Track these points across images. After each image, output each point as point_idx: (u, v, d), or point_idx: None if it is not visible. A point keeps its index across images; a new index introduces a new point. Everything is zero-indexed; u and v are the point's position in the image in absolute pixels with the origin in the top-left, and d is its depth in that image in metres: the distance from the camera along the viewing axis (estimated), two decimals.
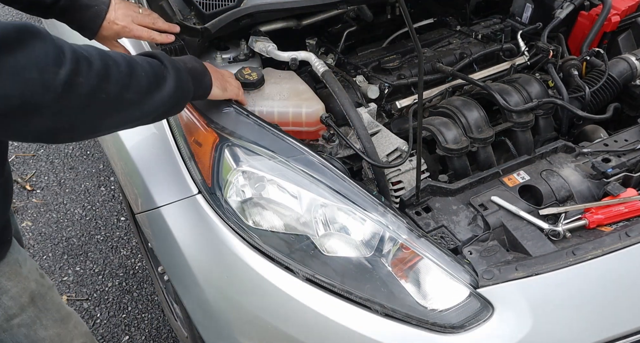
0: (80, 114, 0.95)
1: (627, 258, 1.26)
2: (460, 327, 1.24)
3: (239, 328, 1.44)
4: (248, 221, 1.29)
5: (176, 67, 1.14)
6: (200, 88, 1.26)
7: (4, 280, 1.23)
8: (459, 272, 1.26)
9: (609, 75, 1.75)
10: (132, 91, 1.02)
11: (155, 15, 1.51)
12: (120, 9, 1.43)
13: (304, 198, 1.26)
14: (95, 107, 0.97)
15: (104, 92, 0.96)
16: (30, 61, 0.85)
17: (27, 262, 1.32)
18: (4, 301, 1.22)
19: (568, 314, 1.25)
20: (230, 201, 1.30)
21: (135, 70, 1.03)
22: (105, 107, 0.99)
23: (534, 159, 1.56)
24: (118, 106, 1.01)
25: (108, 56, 0.99)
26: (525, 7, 2.03)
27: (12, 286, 1.25)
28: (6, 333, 1.27)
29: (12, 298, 1.24)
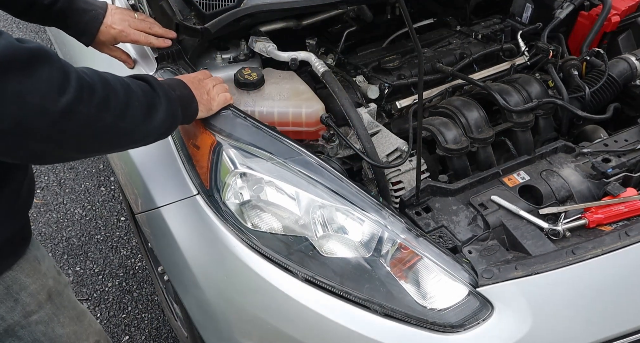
0: (72, 139, 0.96)
1: (627, 258, 1.26)
2: (459, 326, 1.24)
3: (239, 328, 1.44)
4: (247, 223, 1.29)
5: (167, 96, 1.15)
6: (188, 115, 1.26)
7: (23, 276, 1.22)
8: (458, 271, 1.26)
9: (609, 75, 1.75)
10: (127, 120, 1.03)
11: (151, 20, 1.53)
12: (116, 14, 1.44)
13: (302, 200, 1.26)
14: (88, 134, 0.98)
15: (100, 121, 0.97)
16: (34, 86, 0.86)
17: (46, 259, 1.32)
18: (23, 297, 1.22)
19: (568, 313, 1.25)
20: (229, 203, 1.30)
21: (131, 99, 1.04)
22: (98, 134, 1.00)
23: (534, 159, 1.56)
24: (111, 134, 1.02)
25: (109, 83, 1.00)
26: (525, 7, 2.03)
27: (31, 283, 1.25)
28: (24, 330, 1.26)
29: (30, 295, 1.24)
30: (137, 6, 1.66)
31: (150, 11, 1.63)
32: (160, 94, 1.12)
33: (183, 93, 1.24)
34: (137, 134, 1.09)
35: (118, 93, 1.01)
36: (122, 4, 1.65)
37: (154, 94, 1.11)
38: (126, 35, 1.44)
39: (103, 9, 1.43)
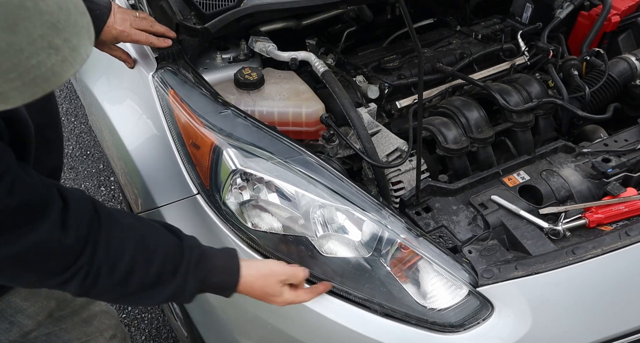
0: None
1: (627, 257, 1.26)
2: (459, 326, 1.24)
3: (239, 328, 1.44)
4: (247, 223, 1.29)
5: (183, 285, 1.05)
6: (210, 291, 1.14)
7: (19, 300, 1.20)
8: (458, 271, 1.26)
9: (609, 75, 1.75)
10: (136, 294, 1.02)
11: (151, 18, 1.52)
12: (118, 14, 1.43)
13: (302, 199, 1.26)
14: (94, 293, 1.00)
15: (111, 292, 1.00)
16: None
17: None
18: (19, 319, 1.21)
19: (568, 313, 1.25)
20: (229, 203, 1.30)
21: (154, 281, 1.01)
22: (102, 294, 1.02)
23: (534, 159, 1.56)
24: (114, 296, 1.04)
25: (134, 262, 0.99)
26: (525, 7, 2.03)
27: (29, 306, 1.23)
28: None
29: (28, 317, 1.22)
30: (137, 6, 1.66)
31: (150, 11, 1.63)
32: (179, 274, 1.04)
33: (220, 281, 1.11)
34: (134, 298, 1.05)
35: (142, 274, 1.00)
36: (122, 3, 1.65)
37: (173, 273, 1.03)
38: (127, 35, 1.43)
39: (107, 9, 1.41)
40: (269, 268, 1.14)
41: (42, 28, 0.60)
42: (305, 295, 1.18)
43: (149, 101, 1.52)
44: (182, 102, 1.43)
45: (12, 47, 0.58)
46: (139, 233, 1.02)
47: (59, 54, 0.62)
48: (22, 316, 1.20)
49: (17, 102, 0.63)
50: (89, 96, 1.77)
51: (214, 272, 1.08)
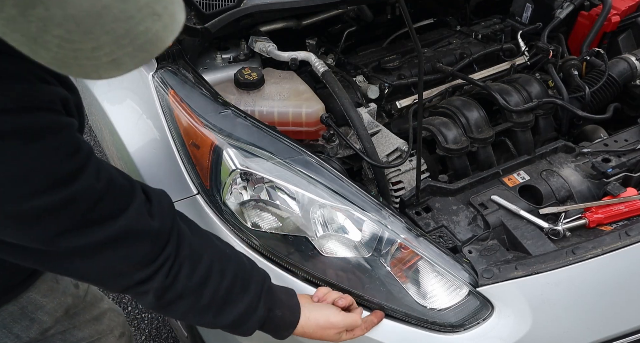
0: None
1: (627, 257, 1.26)
2: (459, 326, 1.24)
3: None
4: (247, 222, 1.29)
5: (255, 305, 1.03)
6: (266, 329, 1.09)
7: (39, 297, 1.20)
8: (458, 271, 1.26)
9: (609, 75, 1.75)
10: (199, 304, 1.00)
11: None
12: None
13: (302, 199, 1.26)
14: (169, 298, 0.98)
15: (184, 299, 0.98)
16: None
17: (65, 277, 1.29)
18: (39, 316, 1.20)
19: (568, 313, 1.25)
20: (229, 203, 1.30)
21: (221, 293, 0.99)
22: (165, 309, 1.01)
23: (534, 159, 1.56)
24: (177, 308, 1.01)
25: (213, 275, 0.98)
26: (525, 7, 2.03)
27: (48, 302, 1.23)
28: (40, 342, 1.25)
29: (47, 313, 1.22)
30: None
31: None
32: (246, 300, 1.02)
33: (283, 316, 1.07)
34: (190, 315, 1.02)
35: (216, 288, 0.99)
36: None
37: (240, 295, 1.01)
38: None
39: None
40: (328, 320, 1.11)
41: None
42: (360, 331, 1.16)
43: (149, 101, 1.52)
44: (182, 102, 1.43)
45: (124, 13, 0.60)
46: (214, 241, 1.02)
47: (161, 21, 0.64)
48: (41, 312, 1.20)
49: (128, 68, 0.65)
50: (89, 96, 1.76)
51: (279, 305, 1.06)
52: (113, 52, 0.62)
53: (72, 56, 0.61)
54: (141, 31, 0.62)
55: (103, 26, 0.60)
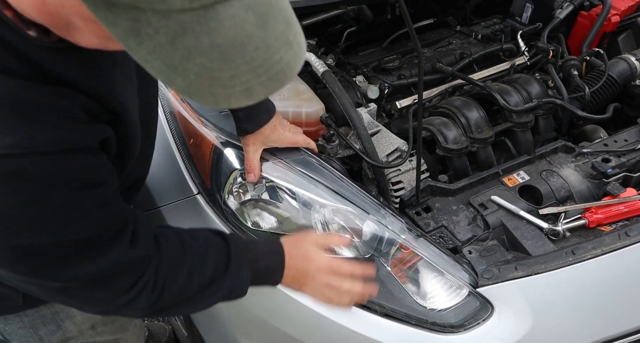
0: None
1: (626, 258, 1.26)
2: (459, 326, 1.24)
3: (239, 328, 1.44)
4: (247, 222, 1.29)
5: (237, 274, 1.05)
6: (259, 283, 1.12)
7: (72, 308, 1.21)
8: (458, 272, 1.26)
9: (609, 75, 1.75)
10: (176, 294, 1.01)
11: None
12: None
13: (302, 199, 1.26)
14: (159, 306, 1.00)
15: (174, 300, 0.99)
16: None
17: None
18: (67, 325, 1.21)
19: (568, 313, 1.25)
20: (229, 202, 1.30)
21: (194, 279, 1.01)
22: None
23: (534, 159, 1.56)
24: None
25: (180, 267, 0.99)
26: (525, 7, 2.03)
27: (78, 314, 1.23)
28: None
29: (74, 324, 1.23)
30: None
31: None
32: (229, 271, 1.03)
33: (267, 264, 1.09)
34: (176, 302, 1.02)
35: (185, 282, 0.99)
36: None
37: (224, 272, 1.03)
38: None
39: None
40: (300, 235, 1.14)
41: (282, 24, 0.62)
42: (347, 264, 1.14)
43: None
44: (184, 101, 1.43)
45: (264, 42, 0.60)
46: (189, 240, 1.02)
47: (292, 49, 0.63)
48: (69, 322, 1.21)
49: (259, 97, 0.64)
50: None
51: (259, 257, 1.08)
52: (248, 81, 0.61)
53: (208, 84, 0.60)
54: (276, 60, 0.62)
55: (244, 55, 0.59)
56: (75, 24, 0.61)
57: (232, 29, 0.57)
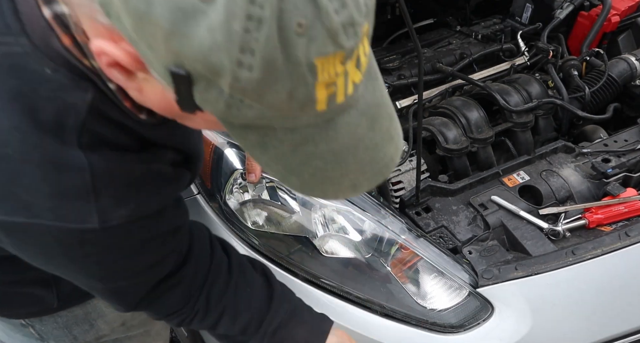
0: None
1: (626, 258, 1.26)
2: (459, 326, 1.24)
3: None
4: (247, 222, 1.29)
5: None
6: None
7: (103, 307, 1.23)
8: (458, 272, 1.26)
9: (609, 75, 1.75)
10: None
11: None
12: None
13: (302, 199, 1.26)
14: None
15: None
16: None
17: None
18: (99, 324, 1.23)
19: (568, 314, 1.25)
20: (230, 202, 1.30)
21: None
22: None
23: (534, 159, 1.56)
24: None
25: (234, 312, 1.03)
26: (525, 7, 2.03)
27: (109, 313, 1.25)
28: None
29: (106, 323, 1.25)
30: None
31: None
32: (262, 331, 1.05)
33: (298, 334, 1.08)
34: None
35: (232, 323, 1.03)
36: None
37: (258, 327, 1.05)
38: None
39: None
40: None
41: (386, 121, 0.65)
42: None
43: None
44: None
45: (372, 142, 0.63)
46: (237, 289, 1.04)
47: (393, 143, 0.67)
48: (101, 321, 1.23)
49: (363, 190, 0.68)
50: None
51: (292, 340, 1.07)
52: (356, 178, 0.64)
53: (320, 182, 0.63)
54: (381, 157, 0.65)
55: (355, 156, 0.62)
56: (192, 118, 0.65)
57: (347, 135, 0.60)
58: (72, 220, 0.69)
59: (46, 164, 0.66)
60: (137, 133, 0.73)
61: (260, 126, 0.57)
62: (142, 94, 0.63)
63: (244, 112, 0.54)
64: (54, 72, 0.63)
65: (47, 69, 0.62)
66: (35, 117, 0.63)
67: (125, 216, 0.73)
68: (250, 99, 0.52)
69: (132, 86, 0.62)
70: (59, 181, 0.67)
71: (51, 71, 0.62)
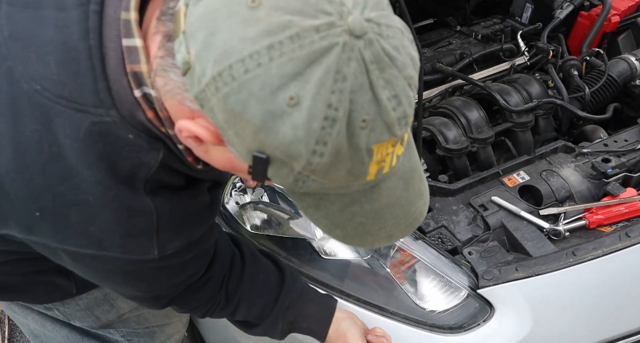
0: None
1: (627, 259, 1.26)
2: (459, 327, 1.24)
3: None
4: (246, 225, 1.29)
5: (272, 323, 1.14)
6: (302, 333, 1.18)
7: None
8: (456, 274, 1.26)
9: (609, 75, 1.75)
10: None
11: None
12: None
13: None
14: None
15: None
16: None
17: None
18: (119, 303, 1.28)
19: (568, 314, 1.25)
20: (228, 206, 1.30)
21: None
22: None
23: (534, 159, 1.56)
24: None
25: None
26: (525, 8, 2.02)
27: None
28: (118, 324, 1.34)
29: (125, 302, 1.29)
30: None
31: None
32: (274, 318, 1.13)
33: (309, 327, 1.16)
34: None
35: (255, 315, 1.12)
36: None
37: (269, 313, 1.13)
38: None
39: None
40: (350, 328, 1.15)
41: (417, 181, 0.75)
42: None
43: None
44: None
45: (407, 201, 0.73)
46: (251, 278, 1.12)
47: (422, 199, 0.77)
48: (121, 300, 1.29)
49: (396, 240, 0.81)
50: None
51: (304, 318, 1.15)
52: (391, 230, 0.74)
53: (360, 235, 0.74)
54: (412, 211, 0.75)
55: (392, 213, 0.72)
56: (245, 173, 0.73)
57: (387, 196, 0.70)
58: (136, 253, 0.80)
59: (121, 210, 0.75)
60: (190, 176, 0.83)
61: (317, 193, 0.68)
62: (208, 155, 0.72)
63: (308, 185, 0.64)
64: (135, 137, 0.72)
65: (130, 135, 0.72)
66: (115, 172, 0.73)
67: (179, 246, 0.83)
68: (316, 176, 0.62)
69: (200, 149, 0.72)
70: (129, 223, 0.77)
71: (133, 136, 0.72)
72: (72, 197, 0.74)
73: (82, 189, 0.73)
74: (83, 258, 0.81)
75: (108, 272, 0.86)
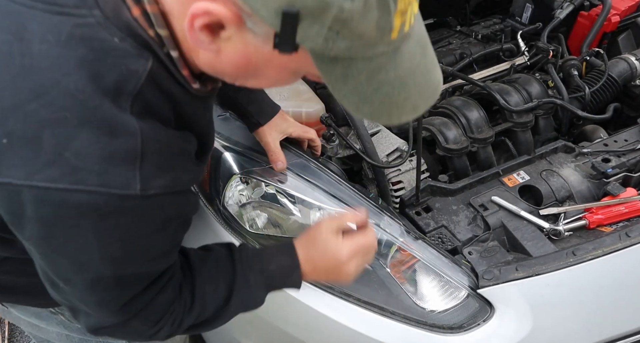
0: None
1: (627, 259, 1.26)
2: (459, 327, 1.24)
3: (239, 328, 1.44)
4: (246, 225, 1.29)
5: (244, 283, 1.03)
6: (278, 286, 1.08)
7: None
8: (456, 274, 1.26)
9: (609, 75, 1.75)
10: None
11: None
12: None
13: (300, 202, 1.26)
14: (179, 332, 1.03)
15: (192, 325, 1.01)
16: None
17: None
18: None
19: (568, 314, 1.25)
20: (228, 206, 1.30)
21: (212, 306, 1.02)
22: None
23: (534, 159, 1.56)
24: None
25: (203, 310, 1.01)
26: (525, 7, 2.03)
27: None
28: None
29: None
30: None
31: None
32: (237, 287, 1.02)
33: (280, 266, 1.05)
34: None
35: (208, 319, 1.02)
36: None
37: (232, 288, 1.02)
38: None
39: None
40: (314, 228, 1.08)
41: (431, 49, 0.76)
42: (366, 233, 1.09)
43: None
44: None
45: (425, 68, 0.74)
46: (205, 267, 1.03)
47: (437, 68, 0.78)
48: None
49: (420, 112, 0.77)
50: None
51: (269, 260, 1.05)
52: (416, 100, 0.74)
53: (387, 108, 0.72)
54: (432, 80, 0.76)
55: (414, 81, 0.72)
56: (264, 73, 0.73)
57: (408, 61, 0.70)
58: (115, 185, 0.71)
59: (102, 127, 0.68)
60: (183, 109, 0.78)
61: (345, 58, 0.65)
62: (219, 55, 0.69)
63: (337, 45, 0.63)
64: (121, 42, 0.67)
65: (116, 39, 0.67)
66: (99, 82, 0.67)
67: (162, 186, 0.75)
68: (346, 30, 0.61)
69: (211, 48, 0.68)
70: (111, 144, 0.69)
71: (119, 40, 0.67)
72: (45, 115, 0.67)
73: (57, 105, 0.67)
74: (50, 202, 0.70)
75: (78, 228, 0.73)
